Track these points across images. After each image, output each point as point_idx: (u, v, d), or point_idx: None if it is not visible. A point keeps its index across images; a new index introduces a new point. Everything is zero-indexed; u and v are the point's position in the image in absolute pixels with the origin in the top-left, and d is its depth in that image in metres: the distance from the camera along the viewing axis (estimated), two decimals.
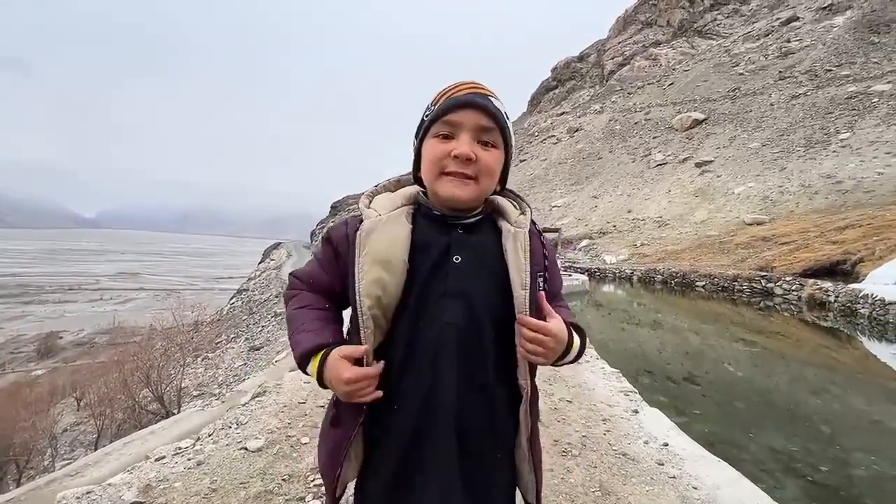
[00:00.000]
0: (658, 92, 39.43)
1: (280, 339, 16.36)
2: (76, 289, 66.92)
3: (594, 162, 33.25)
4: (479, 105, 0.78)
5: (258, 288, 32.94)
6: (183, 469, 2.24)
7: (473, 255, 0.81)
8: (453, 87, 0.81)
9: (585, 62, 57.05)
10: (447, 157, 0.78)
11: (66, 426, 17.17)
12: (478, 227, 0.83)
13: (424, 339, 0.77)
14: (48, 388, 21.93)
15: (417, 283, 0.78)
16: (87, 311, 49.55)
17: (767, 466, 3.57)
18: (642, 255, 18.18)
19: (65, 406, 19.61)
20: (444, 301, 0.78)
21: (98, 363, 20.30)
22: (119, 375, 14.84)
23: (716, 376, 6.35)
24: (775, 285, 11.64)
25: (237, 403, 4.07)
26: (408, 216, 0.82)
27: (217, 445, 2.49)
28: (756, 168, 22.69)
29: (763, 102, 28.45)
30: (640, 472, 2.31)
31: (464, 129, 0.78)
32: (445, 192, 0.80)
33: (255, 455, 2.34)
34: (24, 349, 35.27)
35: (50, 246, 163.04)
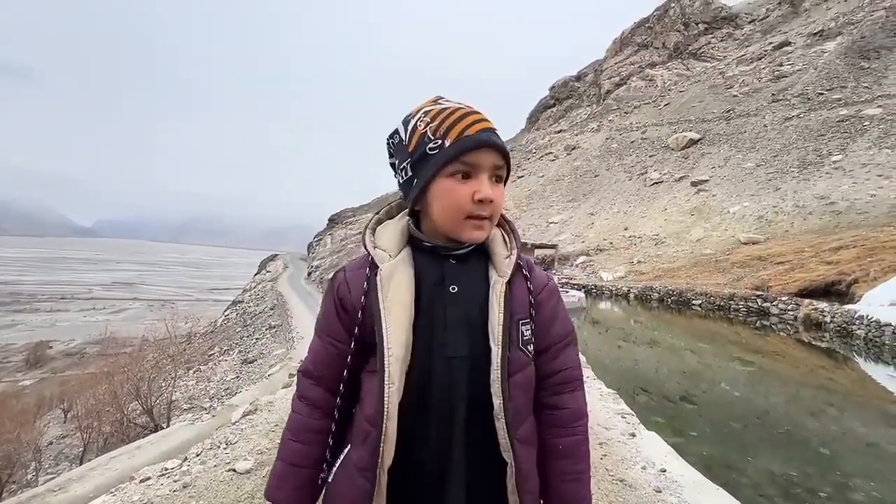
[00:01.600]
0: (654, 112, 40.06)
1: (274, 352, 16.19)
2: (69, 298, 66.23)
3: (591, 179, 33.55)
4: (496, 146, 0.76)
5: (253, 300, 32.71)
6: (168, 492, 2.17)
7: (468, 284, 0.78)
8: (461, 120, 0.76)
9: (583, 81, 58.02)
10: (470, 201, 0.75)
11: (51, 439, 16.78)
12: (468, 257, 0.80)
13: (434, 378, 0.74)
14: (35, 398, 21.51)
15: (421, 319, 0.75)
16: (78, 321, 48.97)
17: (766, 491, 3.51)
18: (639, 273, 18.21)
19: (51, 418, 19.21)
20: (446, 333, 0.75)
21: (87, 374, 19.96)
22: (108, 387, 14.58)
23: (713, 396, 6.31)
24: (771, 305, 11.66)
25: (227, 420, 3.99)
26: (409, 254, 0.80)
27: (205, 466, 2.43)
28: (751, 188, 22.96)
29: (757, 124, 28.94)
30: (638, 499, 2.26)
31: (482, 170, 0.75)
32: (469, 236, 0.77)
33: (244, 477, 2.28)
34: (13, 359, 34.70)
35: (45, 254, 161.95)
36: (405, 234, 0.81)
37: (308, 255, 53.57)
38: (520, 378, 0.76)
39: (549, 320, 0.82)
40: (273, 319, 22.44)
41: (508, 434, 0.73)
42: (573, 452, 0.81)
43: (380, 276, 0.76)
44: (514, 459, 0.74)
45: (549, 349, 0.82)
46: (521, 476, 0.74)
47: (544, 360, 0.82)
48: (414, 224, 0.82)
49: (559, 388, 0.82)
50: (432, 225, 0.80)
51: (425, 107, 0.79)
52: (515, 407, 0.75)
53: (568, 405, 0.82)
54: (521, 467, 0.74)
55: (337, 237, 46.67)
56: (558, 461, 0.80)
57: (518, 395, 0.75)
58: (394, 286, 0.75)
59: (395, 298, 0.74)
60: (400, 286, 0.75)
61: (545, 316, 0.82)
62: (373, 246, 0.80)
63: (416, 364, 0.73)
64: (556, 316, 0.83)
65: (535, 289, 0.81)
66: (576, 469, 0.80)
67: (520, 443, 0.75)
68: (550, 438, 0.81)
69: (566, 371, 0.83)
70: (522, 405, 0.77)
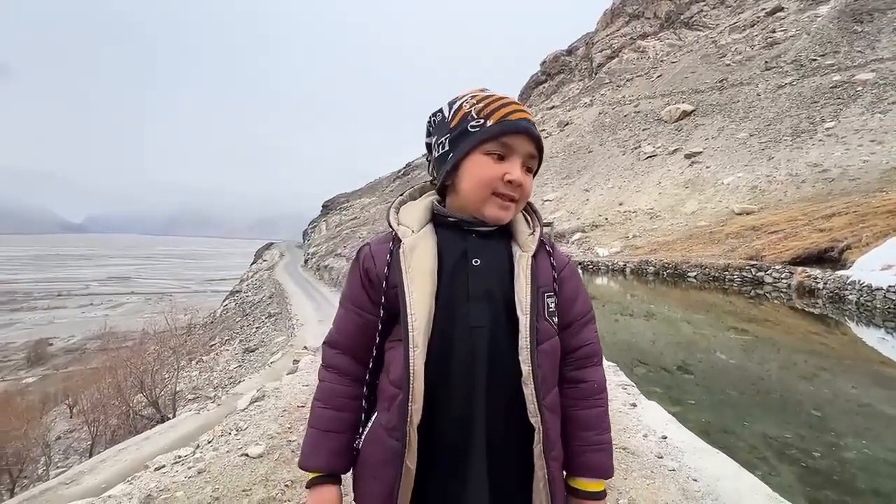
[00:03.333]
0: (647, 84, 39.58)
1: (275, 339, 16.30)
2: (65, 294, 65.91)
3: (585, 155, 33.36)
4: (533, 135, 0.80)
5: (251, 289, 32.74)
6: (184, 478, 2.22)
7: (491, 258, 0.81)
8: (505, 106, 0.81)
9: (574, 55, 57.04)
10: (499, 180, 0.79)
11: (59, 434, 16.99)
12: (492, 234, 0.84)
13: (456, 348, 0.77)
14: (40, 396, 21.69)
15: (442, 290, 0.78)
16: (77, 317, 48.89)
17: (762, 454, 3.63)
18: (634, 248, 18.31)
19: (57, 413, 19.39)
20: (469, 305, 0.78)
21: (90, 369, 20.09)
22: (112, 381, 14.71)
23: (709, 365, 6.44)
24: (765, 274, 11.80)
25: (235, 408, 4.05)
26: (432, 230, 0.83)
27: (217, 452, 2.48)
28: (744, 158, 22.93)
29: (750, 93, 28.71)
30: (640, 465, 2.34)
31: (516, 154, 0.80)
32: (492, 213, 0.81)
33: (257, 461, 2.33)
34: (14, 357, 34.76)
35: (37, 252, 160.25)
36: (429, 211, 0.86)
37: (303, 242, 53.40)
38: (547, 347, 0.80)
39: (571, 297, 0.86)
40: (272, 308, 22.54)
41: (536, 399, 0.75)
42: (598, 423, 0.85)
43: (403, 249, 0.80)
44: (542, 425, 0.76)
45: (571, 325, 0.86)
46: (548, 442, 0.77)
47: (567, 336, 0.86)
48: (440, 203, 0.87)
49: (582, 363, 0.87)
50: (459, 201, 0.84)
51: (473, 92, 0.84)
52: (543, 374, 0.78)
53: (591, 378, 0.87)
54: (548, 433, 0.77)
55: (332, 223, 46.47)
56: (584, 432, 0.84)
57: (545, 364, 0.79)
58: (416, 257, 0.79)
59: (418, 268, 0.78)
60: (423, 258, 0.79)
61: (568, 293, 0.86)
62: (397, 223, 0.84)
63: (437, 333, 0.77)
64: (577, 293, 0.88)
65: (559, 266, 0.85)
66: (600, 440, 0.85)
67: (547, 410, 0.78)
68: (575, 410, 0.85)
69: (588, 346, 0.88)
70: (549, 374, 0.81)
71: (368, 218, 40.59)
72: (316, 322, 15.44)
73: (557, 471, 0.81)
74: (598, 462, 0.84)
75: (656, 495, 2.11)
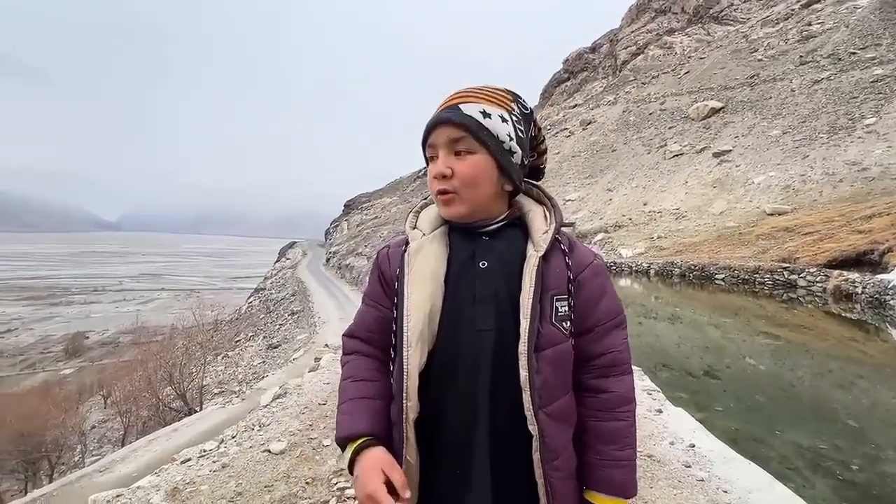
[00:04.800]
0: (673, 81, 38.56)
1: (297, 336, 16.62)
2: (100, 290, 68.87)
3: (608, 154, 32.75)
4: (445, 120, 0.78)
5: (275, 287, 33.47)
6: (208, 472, 2.28)
7: (500, 259, 0.80)
8: (436, 111, 0.82)
9: (598, 53, 56.06)
10: (433, 179, 0.80)
11: (94, 423, 17.78)
12: (502, 234, 0.83)
13: (461, 351, 0.77)
14: (76, 386, 22.75)
15: (448, 294, 0.79)
16: (111, 312, 51.00)
17: (794, 464, 3.48)
18: (659, 248, 17.87)
19: (93, 404, 20.30)
20: (476, 307, 0.78)
21: (123, 362, 20.96)
22: (143, 374, 15.31)
23: (737, 370, 6.22)
24: (799, 277, 11.33)
25: (258, 403, 4.14)
26: (444, 234, 0.84)
27: (241, 448, 2.54)
28: (777, 156, 22.06)
29: (784, 89, 27.61)
30: (667, 474, 2.26)
31: (439, 149, 0.80)
32: (441, 212, 0.83)
33: (279, 457, 2.37)
34: (53, 349, 36.52)
35: (75, 249, 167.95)
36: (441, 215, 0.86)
37: (325, 241, 54.23)
38: (550, 353, 0.75)
39: (593, 300, 0.81)
40: (295, 305, 22.98)
41: (533, 406, 0.73)
42: (618, 438, 0.80)
43: (407, 252, 0.82)
44: (540, 432, 0.74)
45: (593, 330, 0.81)
46: (546, 449, 0.75)
47: (588, 341, 0.81)
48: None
49: (605, 371, 0.81)
50: None
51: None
52: (545, 381, 0.74)
53: (613, 389, 0.81)
54: (547, 441, 0.75)
55: (353, 222, 47.01)
56: (602, 445, 0.80)
57: (547, 370, 0.75)
58: (419, 260, 0.80)
59: (420, 270, 0.79)
60: (426, 260, 0.80)
61: (588, 295, 0.80)
62: (411, 227, 0.86)
63: (443, 335, 0.77)
64: (601, 296, 0.82)
65: (577, 266, 0.80)
66: (621, 455, 0.79)
67: (548, 417, 0.75)
68: (593, 421, 0.81)
69: (612, 354, 0.81)
70: (554, 381, 0.76)
71: (389, 217, 40.88)
72: (337, 320, 15.66)
73: (560, 482, 0.77)
74: (617, 478, 0.79)
75: None
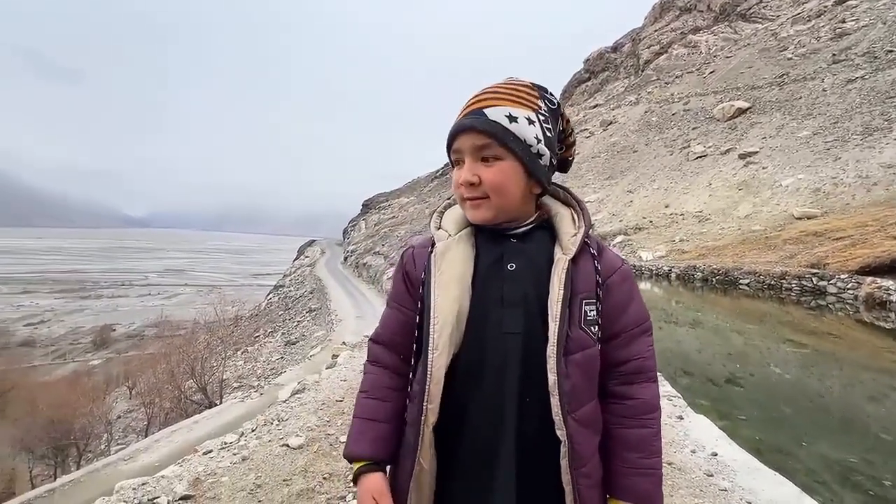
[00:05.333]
0: (698, 81, 37.66)
1: (314, 333, 16.84)
2: (127, 284, 71.19)
3: (629, 155, 32.19)
4: (468, 127, 0.77)
5: (293, 284, 33.99)
6: (229, 464, 2.33)
7: (528, 262, 0.79)
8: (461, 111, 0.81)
9: (619, 52, 55.15)
10: (459, 185, 0.80)
11: (119, 413, 18.39)
12: (531, 236, 0.82)
13: (488, 354, 0.76)
14: (104, 377, 23.59)
15: (476, 295, 0.78)
16: (137, 306, 52.68)
17: (821, 478, 3.36)
18: (681, 252, 17.48)
19: (118, 394, 21.01)
20: (503, 310, 0.77)
21: (147, 354, 21.62)
22: (166, 367, 15.77)
23: (761, 378, 6.04)
24: (828, 283, 10.93)
25: (276, 398, 4.21)
26: (471, 235, 0.83)
27: (260, 441, 2.59)
28: (807, 158, 21.32)
29: (815, 88, 26.67)
30: (688, 483, 2.20)
31: (465, 155, 0.79)
32: (468, 216, 0.82)
33: (297, 452, 2.41)
34: (83, 340, 37.92)
35: (104, 244, 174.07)
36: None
37: (343, 240, 54.84)
38: (579, 357, 0.75)
39: (620, 305, 0.80)
40: (312, 303, 23.30)
41: (562, 410, 0.72)
42: (644, 446, 0.78)
43: (434, 253, 0.81)
44: (569, 438, 0.73)
45: (619, 335, 0.80)
46: (575, 455, 0.73)
47: (614, 347, 0.80)
48: None
49: (631, 378, 0.80)
50: None
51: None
52: (573, 386, 0.73)
53: (639, 396, 0.80)
54: (576, 447, 0.73)
55: (371, 222, 47.39)
56: (628, 453, 0.78)
57: (576, 374, 0.74)
58: (447, 261, 0.79)
59: (447, 272, 0.78)
60: (453, 262, 0.79)
61: (617, 300, 0.80)
62: (436, 227, 0.86)
63: (469, 338, 0.77)
64: (629, 302, 0.81)
65: (605, 271, 0.80)
66: (647, 464, 0.78)
67: (577, 423, 0.74)
68: (619, 428, 0.79)
69: (638, 360, 0.80)
70: (582, 386, 0.75)
71: (407, 217, 41.07)
72: (354, 318, 15.82)
73: (587, 489, 0.75)
74: (642, 488, 0.78)
75: None
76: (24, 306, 51.44)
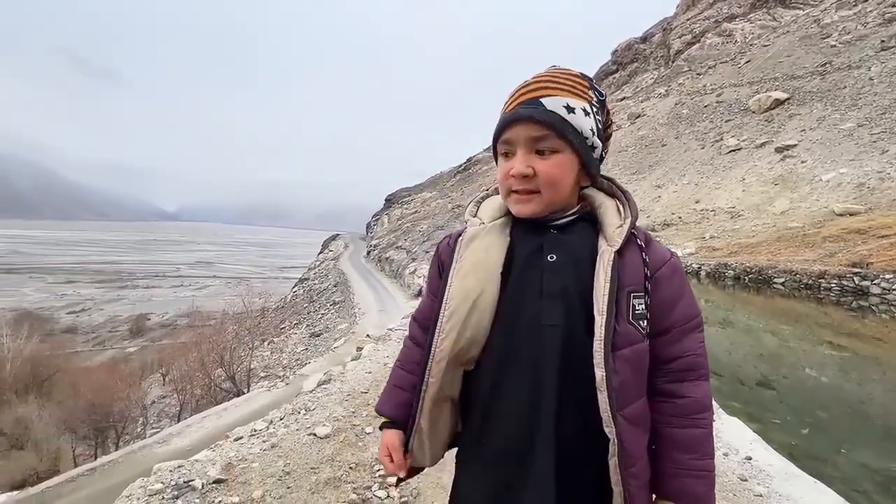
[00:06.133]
0: (732, 71, 36.18)
1: (338, 326, 17.14)
2: (161, 276, 74.14)
3: (658, 149, 31.28)
4: (525, 117, 0.74)
5: (318, 277, 34.64)
6: (259, 451, 2.41)
7: (570, 253, 0.77)
8: (510, 98, 0.79)
9: (649, 43, 53.46)
10: (509, 177, 0.77)
11: (154, 398, 19.22)
12: (572, 227, 0.80)
13: (522, 345, 0.74)
14: (139, 363, 24.69)
15: (510, 284, 0.77)
16: (170, 296, 54.83)
17: (861, 486, 3.21)
18: (711, 249, 16.92)
19: (153, 380, 21.96)
20: (542, 302, 0.74)
21: (179, 343, 22.50)
22: (197, 355, 16.37)
23: (795, 381, 5.81)
24: (871, 283, 10.39)
25: (302, 388, 4.31)
26: (507, 225, 0.83)
27: (288, 430, 2.66)
28: (850, 151, 20.23)
29: (860, 77, 25.23)
30: (720, 486, 2.13)
31: (518, 146, 0.77)
32: (514, 209, 0.80)
33: (324, 441, 2.47)
34: (120, 328, 39.75)
35: (139, 237, 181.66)
36: (504, 206, 0.84)
37: (366, 234, 55.46)
38: (628, 353, 0.71)
39: (670, 300, 0.77)
40: (336, 296, 23.69)
41: (611, 408, 0.69)
42: (696, 446, 0.75)
43: (461, 240, 0.82)
44: (618, 436, 0.70)
45: (668, 331, 0.76)
46: (625, 455, 0.70)
47: (664, 343, 0.76)
48: None
49: (681, 376, 0.77)
50: None
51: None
52: (622, 382, 0.70)
53: (690, 394, 0.76)
54: (625, 446, 0.70)
55: (394, 216, 47.71)
56: (679, 454, 0.75)
57: (625, 370, 0.71)
58: (471, 249, 0.80)
59: (469, 259, 0.79)
60: (477, 250, 0.79)
61: (666, 295, 0.76)
62: (471, 215, 0.87)
63: (501, 328, 0.76)
64: (680, 296, 0.78)
65: (654, 263, 0.77)
66: (699, 465, 0.74)
67: (626, 421, 0.71)
68: (669, 428, 0.76)
69: (689, 357, 0.77)
70: (631, 383, 0.72)
71: (429, 212, 41.16)
72: (377, 312, 16.01)
73: (637, 490, 0.72)
74: (695, 490, 0.74)
75: None
76: (66, 295, 54.31)
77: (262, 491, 2.05)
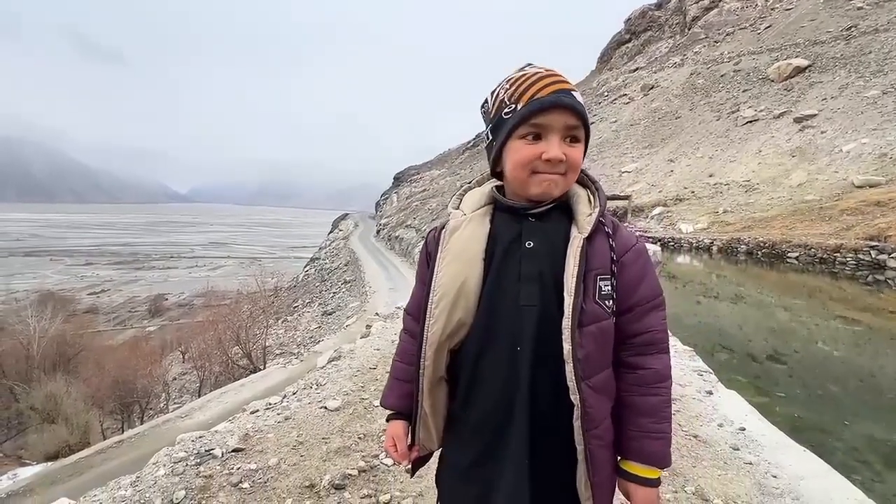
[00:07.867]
0: (751, 38, 34.70)
1: (349, 304, 17.43)
2: (176, 257, 75.54)
3: (671, 122, 30.44)
4: (566, 105, 0.79)
5: (328, 257, 35.00)
6: (274, 422, 2.53)
7: (546, 240, 0.83)
8: (534, 84, 0.80)
9: (664, 10, 51.27)
10: (537, 160, 0.80)
11: (175, 375, 19.90)
12: (549, 216, 0.85)
13: (502, 324, 0.82)
14: (159, 342, 25.46)
15: (492, 270, 0.83)
16: (185, 277, 55.98)
17: (864, 457, 3.25)
18: (724, 224, 16.66)
19: (173, 358, 22.68)
20: (520, 285, 0.81)
21: (197, 322, 23.09)
22: (214, 334, 16.83)
23: (806, 355, 5.81)
24: (889, 257, 10.19)
25: (314, 365, 4.45)
26: (487, 214, 0.88)
27: (301, 403, 2.78)
28: (873, 120, 19.47)
29: (887, 41, 24.05)
30: (713, 455, 2.21)
31: (552, 131, 0.80)
32: (538, 191, 0.82)
33: (334, 414, 2.58)
34: (139, 309, 40.85)
35: (153, 219, 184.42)
36: (487, 197, 0.91)
37: (376, 213, 55.57)
38: (594, 329, 0.79)
39: (634, 282, 0.84)
40: (347, 275, 23.98)
41: (576, 377, 0.77)
42: (655, 412, 0.83)
43: (445, 231, 0.88)
44: (582, 402, 0.78)
45: (632, 309, 0.84)
46: (587, 417, 0.79)
47: (628, 321, 0.84)
48: (501, 189, 0.91)
49: (643, 349, 0.85)
50: (509, 187, 0.88)
51: (510, 75, 0.85)
52: (587, 355, 0.78)
53: (651, 366, 0.84)
54: (588, 410, 0.79)
55: (403, 195, 47.62)
56: (640, 418, 0.83)
57: (589, 344, 0.78)
58: (454, 238, 0.86)
59: (453, 248, 0.85)
60: (461, 239, 0.86)
61: (629, 277, 0.83)
62: (454, 207, 0.92)
63: (484, 310, 0.83)
64: (642, 278, 0.85)
65: (620, 248, 0.83)
66: (657, 428, 0.83)
67: (590, 388, 0.79)
68: (631, 396, 0.85)
69: (650, 333, 0.85)
70: (596, 356, 0.80)
71: (438, 190, 40.96)
72: (387, 290, 16.21)
73: (599, 449, 0.81)
74: (652, 449, 0.83)
75: (727, 487, 2.00)
76: (87, 276, 55.78)
77: (278, 459, 2.16)
